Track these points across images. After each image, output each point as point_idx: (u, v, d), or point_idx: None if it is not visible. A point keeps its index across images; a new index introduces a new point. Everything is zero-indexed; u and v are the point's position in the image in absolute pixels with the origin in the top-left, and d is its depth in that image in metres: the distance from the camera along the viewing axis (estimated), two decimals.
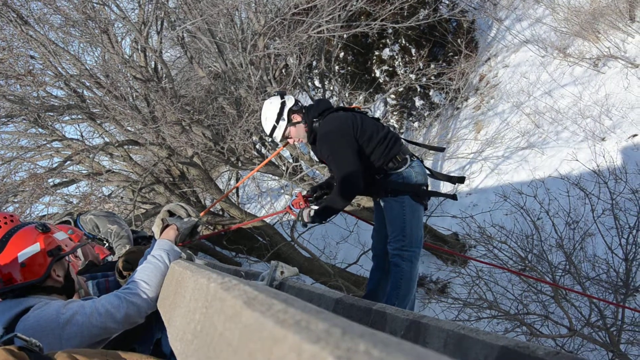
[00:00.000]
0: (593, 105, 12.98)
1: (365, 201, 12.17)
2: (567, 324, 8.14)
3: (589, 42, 14.10)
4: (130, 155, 12.29)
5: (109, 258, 5.27)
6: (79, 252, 4.49)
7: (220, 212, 14.06)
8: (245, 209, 15.81)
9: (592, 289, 8.57)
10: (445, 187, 13.53)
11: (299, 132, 5.10)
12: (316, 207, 5.07)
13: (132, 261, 3.18)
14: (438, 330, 2.05)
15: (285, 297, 0.93)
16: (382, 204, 5.06)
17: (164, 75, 12.34)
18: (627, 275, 8.21)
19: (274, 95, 5.25)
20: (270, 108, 5.08)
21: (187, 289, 1.79)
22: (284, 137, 5.17)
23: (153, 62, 12.22)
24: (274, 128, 5.07)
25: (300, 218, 5.17)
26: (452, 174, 6.78)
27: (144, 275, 2.74)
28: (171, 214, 3.33)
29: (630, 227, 8.47)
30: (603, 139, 12.23)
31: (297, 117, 5.07)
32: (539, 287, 8.87)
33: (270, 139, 7.41)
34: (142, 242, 5.69)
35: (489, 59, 17.55)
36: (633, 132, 11.73)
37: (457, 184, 5.79)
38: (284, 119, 5.04)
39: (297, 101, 5.16)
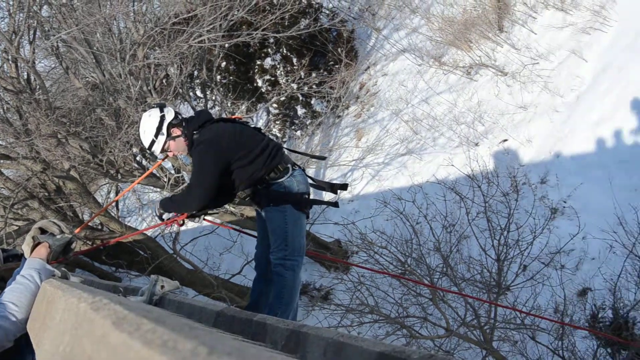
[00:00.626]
0: (467, 111, 13.51)
1: (248, 211, 12.13)
2: (445, 324, 8.42)
3: (462, 51, 14.66)
4: (1, 169, 11.69)
5: None
6: None
7: (100, 226, 13.61)
8: (126, 222, 15.38)
9: (468, 289, 8.90)
10: (328, 195, 13.67)
11: (178, 145, 5.03)
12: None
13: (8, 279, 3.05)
14: (318, 338, 2.08)
15: (157, 315, 0.93)
16: (263, 214, 5.07)
17: (38, 87, 11.81)
18: (499, 275, 8.59)
19: (154, 107, 5.15)
20: (148, 122, 4.98)
21: (58, 309, 1.74)
22: (164, 151, 5.09)
23: (25, 73, 11.66)
24: (153, 142, 4.98)
25: (156, 208, 5.38)
26: (334, 182, 6.87)
27: (13, 297, 2.60)
28: (43, 231, 3.21)
29: (501, 228, 8.85)
30: (476, 144, 12.74)
31: (176, 131, 4.99)
32: (418, 290, 9.13)
33: (149, 152, 7.29)
34: (13, 262, 5.44)
35: (368, 67, 17.91)
36: (503, 137, 12.30)
37: (339, 191, 5.89)
38: (162, 133, 4.94)
39: (177, 114, 5.08)
